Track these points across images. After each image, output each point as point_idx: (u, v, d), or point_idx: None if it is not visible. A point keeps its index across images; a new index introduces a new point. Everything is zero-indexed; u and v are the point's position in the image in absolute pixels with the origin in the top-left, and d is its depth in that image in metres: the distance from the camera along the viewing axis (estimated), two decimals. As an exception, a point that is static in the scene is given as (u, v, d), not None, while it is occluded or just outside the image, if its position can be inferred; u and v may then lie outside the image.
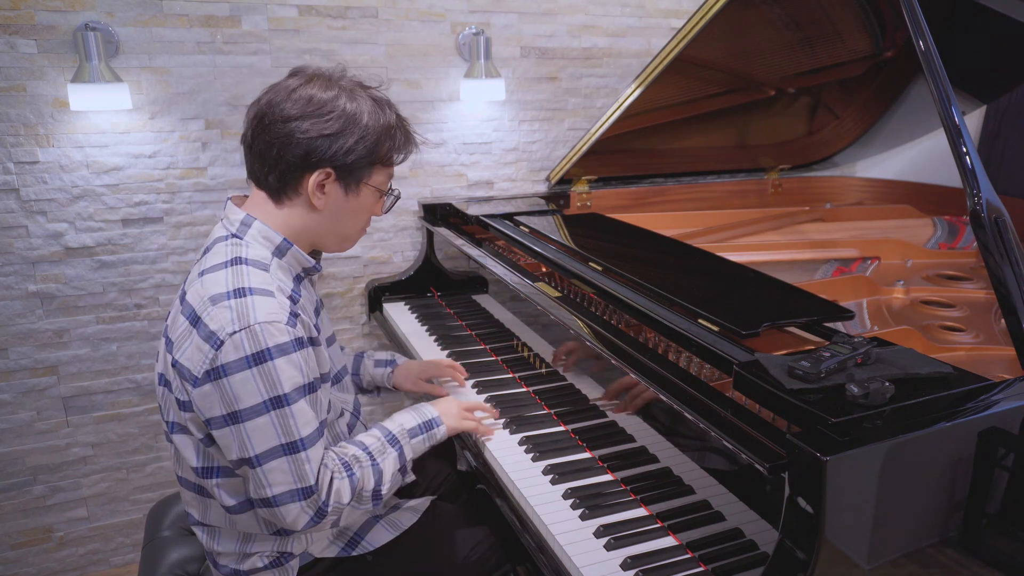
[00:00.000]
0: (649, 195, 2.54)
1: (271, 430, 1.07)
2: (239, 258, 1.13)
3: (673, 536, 1.14)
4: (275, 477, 1.08)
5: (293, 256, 1.20)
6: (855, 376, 0.99)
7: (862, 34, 2.10)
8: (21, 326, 1.99)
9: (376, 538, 1.31)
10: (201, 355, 1.06)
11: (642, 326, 1.41)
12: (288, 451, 1.08)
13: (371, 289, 2.30)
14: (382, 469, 1.23)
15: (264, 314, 1.06)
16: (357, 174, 1.19)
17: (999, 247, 1.11)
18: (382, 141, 1.19)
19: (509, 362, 1.76)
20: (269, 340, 1.05)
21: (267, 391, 1.06)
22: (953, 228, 2.22)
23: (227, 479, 1.17)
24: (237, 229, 1.17)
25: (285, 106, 1.14)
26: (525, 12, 2.34)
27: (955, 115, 1.16)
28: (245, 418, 1.06)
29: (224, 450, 1.10)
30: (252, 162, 1.18)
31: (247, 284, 1.09)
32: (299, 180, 1.16)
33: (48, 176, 1.93)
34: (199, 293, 1.10)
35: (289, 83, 1.17)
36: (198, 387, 1.07)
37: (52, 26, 1.84)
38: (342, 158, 1.15)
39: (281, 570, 1.25)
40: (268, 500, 1.09)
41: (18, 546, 2.12)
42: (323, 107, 1.14)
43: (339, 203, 1.20)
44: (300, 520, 1.12)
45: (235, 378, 1.05)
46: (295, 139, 1.13)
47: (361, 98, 1.18)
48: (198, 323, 1.08)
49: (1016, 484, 1.00)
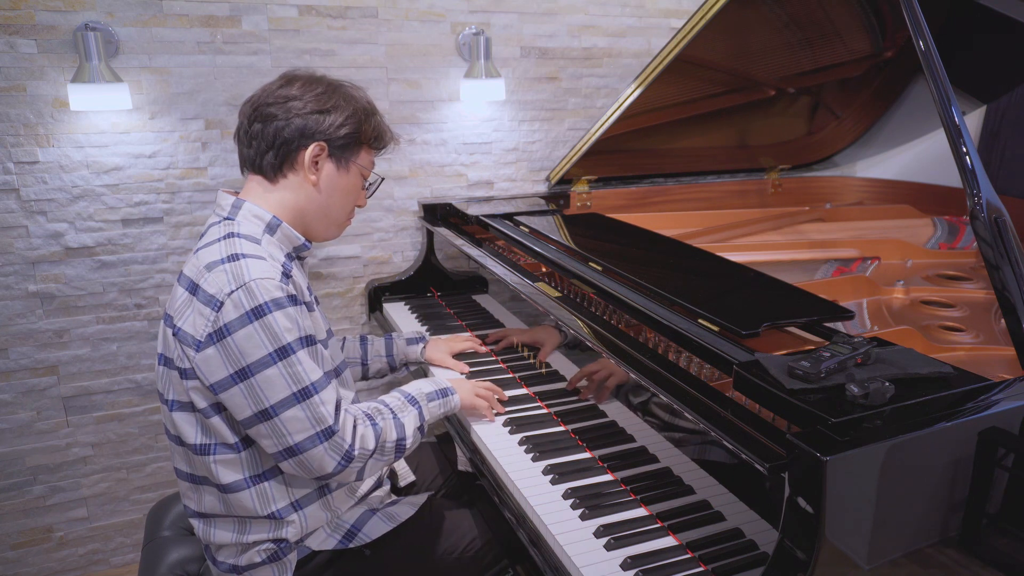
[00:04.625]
0: (649, 195, 2.54)
1: (281, 380, 1.12)
2: (231, 233, 1.20)
3: (673, 536, 1.14)
4: (294, 425, 1.13)
5: (283, 234, 1.27)
6: (855, 376, 0.99)
7: (862, 34, 2.10)
8: (21, 326, 1.99)
9: (373, 530, 1.32)
10: (203, 319, 1.12)
11: (642, 326, 1.41)
12: (301, 397, 1.13)
13: (371, 289, 2.30)
14: (403, 423, 1.30)
15: (258, 272, 1.13)
16: (347, 152, 1.29)
17: (999, 247, 1.11)
18: (367, 119, 1.30)
19: (509, 362, 1.76)
20: (265, 295, 1.11)
21: (271, 343, 1.11)
22: (953, 228, 2.22)
23: (224, 455, 1.20)
24: (228, 212, 1.25)
25: (280, 91, 1.25)
26: (525, 12, 2.34)
27: (955, 115, 1.16)
28: (255, 371, 1.11)
29: (235, 411, 1.14)
30: (246, 150, 1.27)
31: (240, 251, 1.16)
32: (295, 155, 1.25)
33: (48, 176, 1.93)
34: (195, 265, 1.17)
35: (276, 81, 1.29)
36: (201, 351, 1.11)
37: (52, 26, 1.84)
38: (334, 132, 1.25)
39: (279, 564, 1.26)
40: (292, 449, 1.14)
41: (18, 546, 2.12)
42: (314, 88, 1.26)
43: (332, 179, 1.29)
44: (327, 463, 1.17)
45: (239, 335, 1.10)
46: (290, 119, 1.23)
47: (342, 87, 1.30)
48: (196, 290, 1.14)
49: (1016, 484, 1.00)
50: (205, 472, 1.22)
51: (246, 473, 1.21)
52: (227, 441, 1.19)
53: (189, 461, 1.24)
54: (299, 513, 1.25)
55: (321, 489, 1.28)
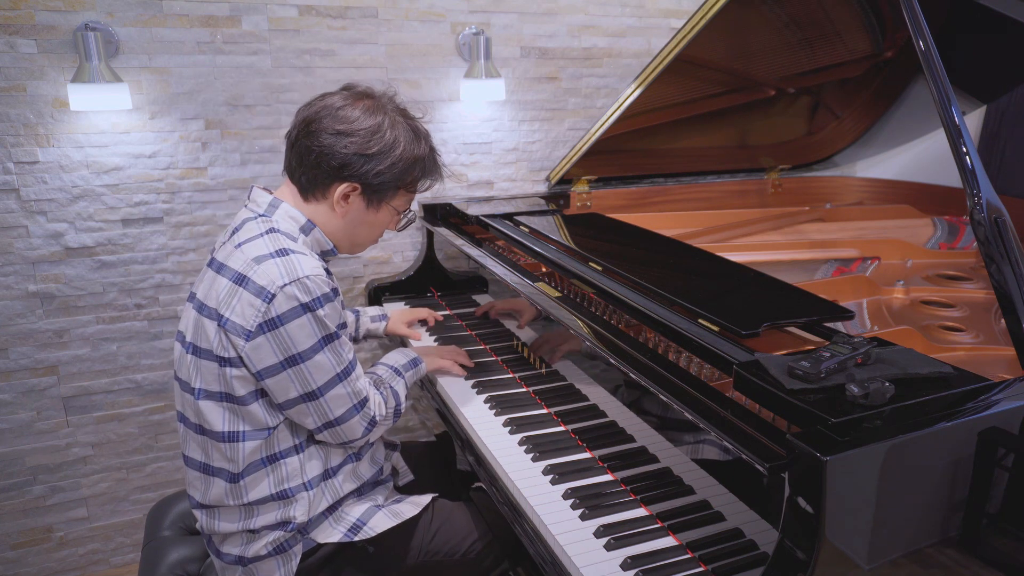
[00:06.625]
0: (649, 195, 2.54)
1: (328, 364, 1.22)
2: (273, 228, 1.25)
3: (673, 536, 1.14)
4: (337, 402, 1.25)
5: (315, 238, 1.31)
6: (855, 376, 0.99)
7: (862, 34, 2.10)
8: (21, 326, 1.99)
9: (378, 524, 1.33)
10: (253, 310, 1.16)
11: (642, 326, 1.41)
12: (343, 376, 1.25)
13: (371, 289, 2.30)
14: (396, 391, 1.43)
15: (309, 268, 1.19)
16: (381, 194, 1.31)
17: (999, 247, 1.11)
18: (411, 170, 1.31)
19: (509, 362, 1.76)
20: (317, 290, 1.18)
21: (321, 331, 1.20)
22: (953, 228, 2.22)
23: (253, 442, 1.24)
24: (265, 210, 1.28)
25: (333, 120, 1.25)
26: (525, 12, 2.34)
27: (955, 115, 1.16)
28: (305, 358, 1.19)
29: (279, 394, 1.21)
30: (291, 158, 1.30)
31: (287, 246, 1.22)
32: (327, 186, 1.28)
33: (48, 176, 1.93)
34: (240, 259, 1.20)
35: (340, 97, 1.28)
36: (251, 340, 1.17)
37: (52, 26, 1.84)
38: (372, 179, 1.27)
39: (284, 556, 1.28)
40: (332, 422, 1.26)
41: (18, 546, 2.12)
42: (366, 129, 1.25)
43: (359, 215, 1.32)
44: (358, 429, 1.29)
45: (291, 325, 1.17)
46: (334, 151, 1.24)
47: (401, 127, 1.29)
48: (245, 281, 1.18)
49: (1016, 484, 1.00)
50: (223, 462, 1.25)
51: (263, 454, 1.26)
52: (261, 426, 1.24)
53: (205, 450, 1.26)
54: (308, 492, 1.28)
55: (326, 472, 1.31)
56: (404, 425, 2.56)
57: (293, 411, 1.24)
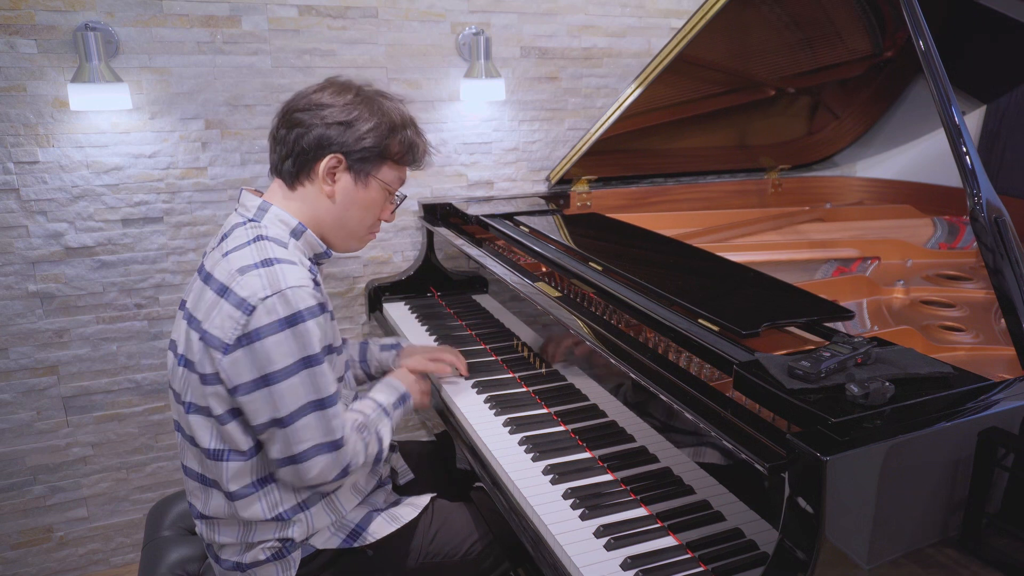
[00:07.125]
0: (649, 195, 2.54)
1: (302, 389, 1.14)
2: (260, 236, 1.20)
3: (673, 536, 1.14)
4: (305, 434, 1.15)
5: (307, 240, 1.27)
6: (855, 376, 0.99)
7: (862, 34, 2.10)
8: (21, 326, 1.99)
9: (378, 530, 1.33)
10: (232, 322, 1.11)
11: (642, 326, 1.41)
12: (318, 407, 1.16)
13: (371, 289, 2.30)
14: (381, 436, 1.33)
15: (294, 279, 1.14)
16: (367, 166, 1.27)
17: (999, 247, 1.11)
18: (393, 134, 1.27)
19: (509, 362, 1.76)
20: (300, 303, 1.12)
21: (300, 351, 1.13)
22: (953, 228, 2.22)
23: (236, 462, 1.20)
24: (254, 214, 1.25)
25: (310, 97, 1.25)
26: (525, 12, 2.34)
27: (955, 115, 1.16)
28: (279, 379, 1.12)
29: (252, 415, 1.15)
30: (273, 153, 1.28)
31: (272, 255, 1.16)
32: (312, 166, 1.25)
33: (48, 176, 1.93)
34: (225, 269, 1.16)
35: (315, 86, 1.28)
36: (228, 354, 1.12)
37: (52, 26, 1.84)
38: (353, 144, 1.24)
39: (283, 562, 1.26)
40: (294, 457, 1.16)
41: (18, 546, 2.12)
42: (342, 102, 1.24)
43: (348, 192, 1.28)
44: (327, 472, 1.19)
45: (268, 341, 1.11)
46: (312, 126, 1.22)
47: (381, 98, 1.29)
48: (226, 292, 1.13)
49: (1016, 484, 1.00)
50: (216, 476, 1.22)
51: (254, 477, 1.21)
52: (239, 448, 1.19)
53: (201, 462, 1.25)
54: (305, 513, 1.26)
55: (323, 492, 1.28)
56: (404, 425, 2.56)
57: (263, 436, 1.17)
